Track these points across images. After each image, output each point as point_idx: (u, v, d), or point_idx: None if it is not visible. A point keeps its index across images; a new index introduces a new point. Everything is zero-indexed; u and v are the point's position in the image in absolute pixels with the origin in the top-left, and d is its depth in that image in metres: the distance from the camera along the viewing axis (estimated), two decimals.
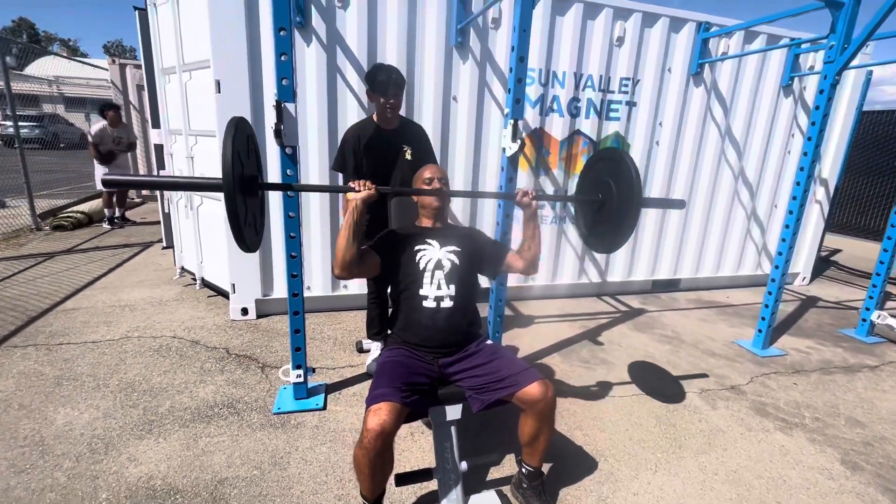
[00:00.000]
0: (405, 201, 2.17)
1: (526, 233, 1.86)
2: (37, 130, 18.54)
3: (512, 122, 2.28)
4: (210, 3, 2.78)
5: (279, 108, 1.95)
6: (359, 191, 1.63)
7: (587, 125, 3.78)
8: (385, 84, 2.29)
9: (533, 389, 1.60)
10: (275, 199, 3.03)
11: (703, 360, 3.16)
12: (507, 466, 1.99)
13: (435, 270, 1.77)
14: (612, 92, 3.78)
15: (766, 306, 3.28)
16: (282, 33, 1.93)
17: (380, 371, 1.63)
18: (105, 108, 5.81)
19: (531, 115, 3.62)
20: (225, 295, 3.57)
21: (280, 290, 3.39)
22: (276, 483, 1.85)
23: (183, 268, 4.08)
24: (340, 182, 2.76)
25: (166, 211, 4.25)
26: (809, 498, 1.93)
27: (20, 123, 17.79)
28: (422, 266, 1.77)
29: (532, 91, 3.56)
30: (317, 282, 3.48)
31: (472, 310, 1.84)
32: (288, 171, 2.09)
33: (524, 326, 3.57)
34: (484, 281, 3.78)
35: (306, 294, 3.45)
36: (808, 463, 2.15)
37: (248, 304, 3.35)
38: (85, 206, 6.57)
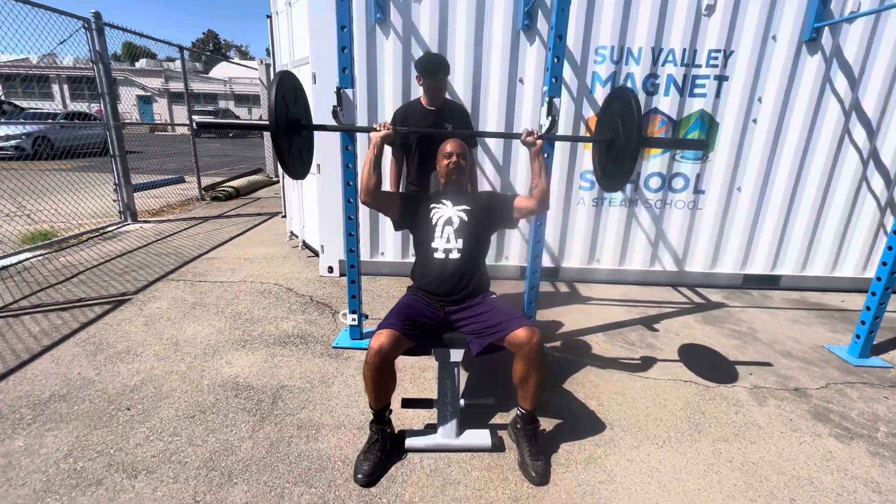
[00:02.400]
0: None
1: (533, 169, 2.03)
2: None
3: (548, 98, 2.38)
4: (310, 10, 3.34)
5: (339, 94, 2.37)
6: (379, 131, 1.98)
7: (666, 103, 3.58)
8: (431, 71, 2.57)
9: (520, 333, 1.78)
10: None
11: (774, 359, 2.88)
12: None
13: (445, 226, 2.03)
14: (699, 66, 3.50)
15: (868, 308, 2.84)
16: (343, 30, 2.33)
17: (393, 308, 1.96)
18: None
19: (601, 94, 3.55)
20: (318, 255, 4.25)
21: (359, 253, 3.93)
22: (320, 395, 2.32)
23: (292, 232, 4.93)
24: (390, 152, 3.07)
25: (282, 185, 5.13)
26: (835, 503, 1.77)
27: (202, 117, 21.60)
28: (434, 221, 2.05)
29: (603, 69, 3.50)
30: (389, 249, 3.95)
31: (478, 264, 2.07)
32: (347, 147, 2.51)
33: (577, 305, 3.60)
34: (518, 258, 3.87)
35: (380, 259, 3.99)
36: (855, 473, 1.93)
37: (333, 263, 3.96)
38: (235, 183, 8.11)
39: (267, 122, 1.78)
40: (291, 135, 1.89)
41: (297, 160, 1.97)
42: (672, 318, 3.45)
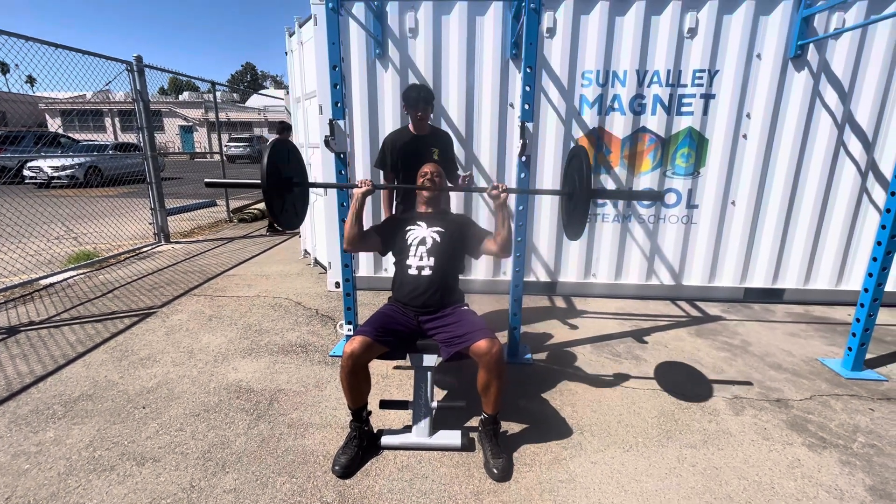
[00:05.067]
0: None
1: (497, 220, 2.16)
2: (248, 149, 24.18)
3: (521, 123, 2.58)
4: (316, 50, 3.69)
5: (331, 125, 2.64)
6: (360, 187, 2.18)
7: (653, 122, 3.70)
8: (415, 100, 2.79)
9: (481, 344, 1.93)
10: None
11: (762, 371, 2.89)
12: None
13: (419, 245, 2.22)
14: (684, 86, 3.62)
15: (858, 321, 2.82)
16: (335, 69, 2.61)
17: (370, 317, 2.16)
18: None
19: (589, 115, 3.72)
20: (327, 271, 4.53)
21: (362, 269, 4.18)
22: (312, 398, 2.53)
23: (306, 250, 5.24)
24: (381, 176, 3.27)
25: None
26: None
27: (237, 144, 23.17)
28: (409, 241, 2.25)
29: (590, 92, 3.67)
30: (391, 266, 4.17)
31: (450, 279, 2.23)
32: (342, 171, 2.77)
33: (570, 319, 3.69)
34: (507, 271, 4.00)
35: (384, 274, 4.21)
36: (820, 480, 1.96)
37: (339, 279, 4.20)
38: (261, 205, 8.61)
39: (257, 182, 2.00)
40: (284, 192, 2.09)
41: (290, 215, 2.15)
42: (664, 330, 3.49)
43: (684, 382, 2.73)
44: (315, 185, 2.42)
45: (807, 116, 3.61)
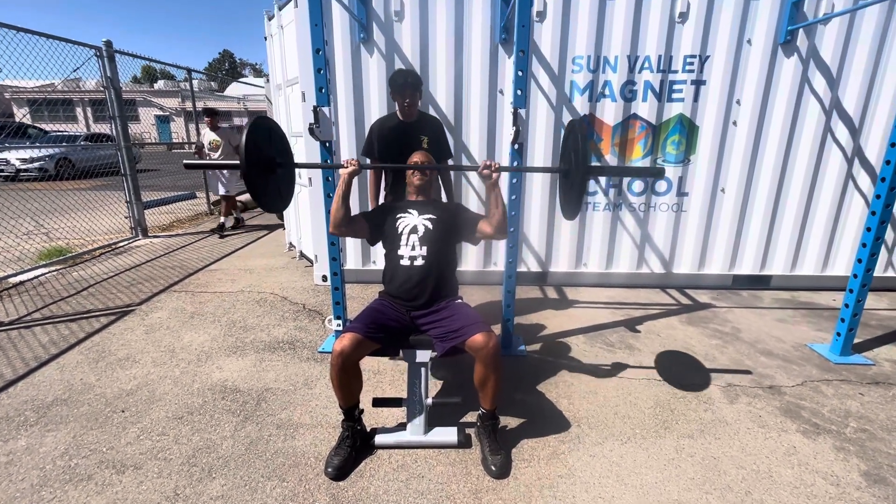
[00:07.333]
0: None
1: (489, 201, 2.10)
2: None
3: (513, 109, 2.50)
4: (297, 34, 3.53)
5: (316, 112, 2.51)
6: (346, 167, 2.09)
7: (644, 108, 3.65)
8: (401, 86, 2.68)
9: (478, 338, 1.87)
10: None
11: (753, 358, 2.90)
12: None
13: (410, 234, 2.14)
14: (675, 72, 3.58)
15: (847, 306, 2.84)
16: (318, 53, 2.48)
17: (360, 313, 2.07)
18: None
19: (579, 102, 3.65)
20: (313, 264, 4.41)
21: (350, 262, 4.08)
22: (301, 396, 2.44)
23: (291, 243, 5.10)
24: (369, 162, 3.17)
25: None
26: (790, 496, 1.80)
27: None
28: (400, 230, 2.16)
29: (580, 78, 3.60)
30: (380, 258, 4.06)
31: (443, 270, 2.15)
32: (327, 160, 2.65)
33: (563, 309, 3.66)
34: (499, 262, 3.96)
35: (372, 267, 4.12)
36: (816, 467, 1.96)
37: (326, 273, 4.08)
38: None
39: (236, 163, 1.90)
40: (266, 173, 1.98)
41: (273, 197, 2.05)
42: (656, 319, 3.48)
43: (678, 371, 2.72)
44: (299, 165, 2.30)
45: (795, 103, 3.61)
